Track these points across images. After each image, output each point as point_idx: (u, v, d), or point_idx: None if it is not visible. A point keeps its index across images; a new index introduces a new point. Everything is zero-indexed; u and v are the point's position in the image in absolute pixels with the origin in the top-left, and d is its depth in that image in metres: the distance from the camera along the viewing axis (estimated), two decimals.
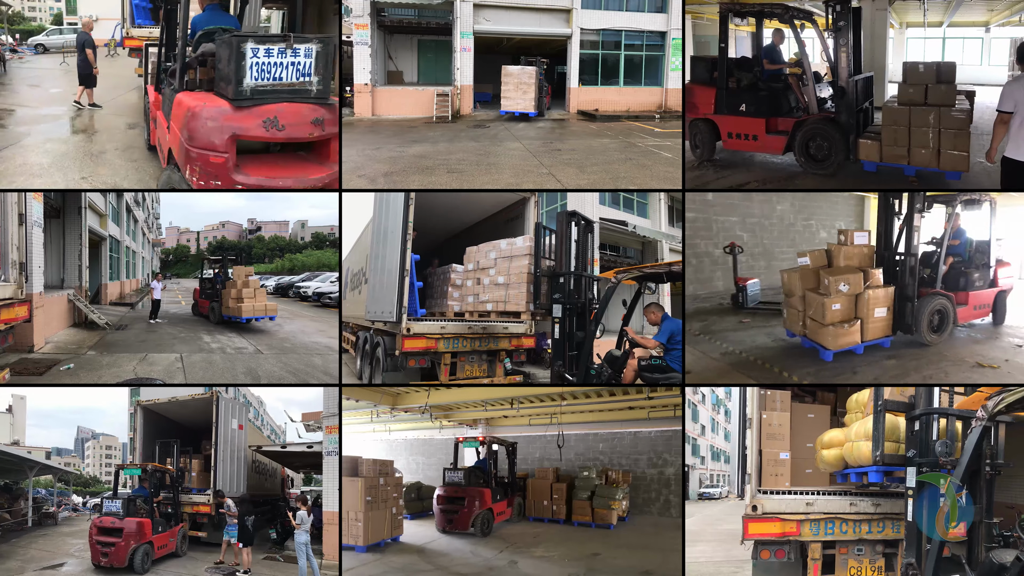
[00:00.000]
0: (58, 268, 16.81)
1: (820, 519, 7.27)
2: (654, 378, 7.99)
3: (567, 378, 8.72)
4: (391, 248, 11.25)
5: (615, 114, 20.81)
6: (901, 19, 22.52)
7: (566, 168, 13.53)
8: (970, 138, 9.37)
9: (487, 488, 13.47)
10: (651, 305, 8.32)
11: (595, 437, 17.27)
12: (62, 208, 17.06)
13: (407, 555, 11.45)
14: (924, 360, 8.71)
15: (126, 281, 26.73)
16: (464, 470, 13.76)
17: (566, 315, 8.77)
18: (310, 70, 7.99)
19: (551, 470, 15.38)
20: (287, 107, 7.91)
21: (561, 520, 14.63)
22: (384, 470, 12.31)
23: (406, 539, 12.69)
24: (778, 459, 7.81)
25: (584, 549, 11.73)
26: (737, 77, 11.17)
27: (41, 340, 11.96)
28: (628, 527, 14.39)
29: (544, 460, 17.32)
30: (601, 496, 14.28)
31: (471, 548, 11.91)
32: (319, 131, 8.14)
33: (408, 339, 10.68)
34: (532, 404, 16.40)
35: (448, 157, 14.08)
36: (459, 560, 11.04)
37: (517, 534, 13.32)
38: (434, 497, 13.91)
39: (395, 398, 16.32)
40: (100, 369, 10.98)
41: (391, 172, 12.78)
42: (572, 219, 9.20)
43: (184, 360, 11.98)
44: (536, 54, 21.87)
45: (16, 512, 16.52)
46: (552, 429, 16.15)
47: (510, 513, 14.61)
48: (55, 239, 16.59)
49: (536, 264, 9.79)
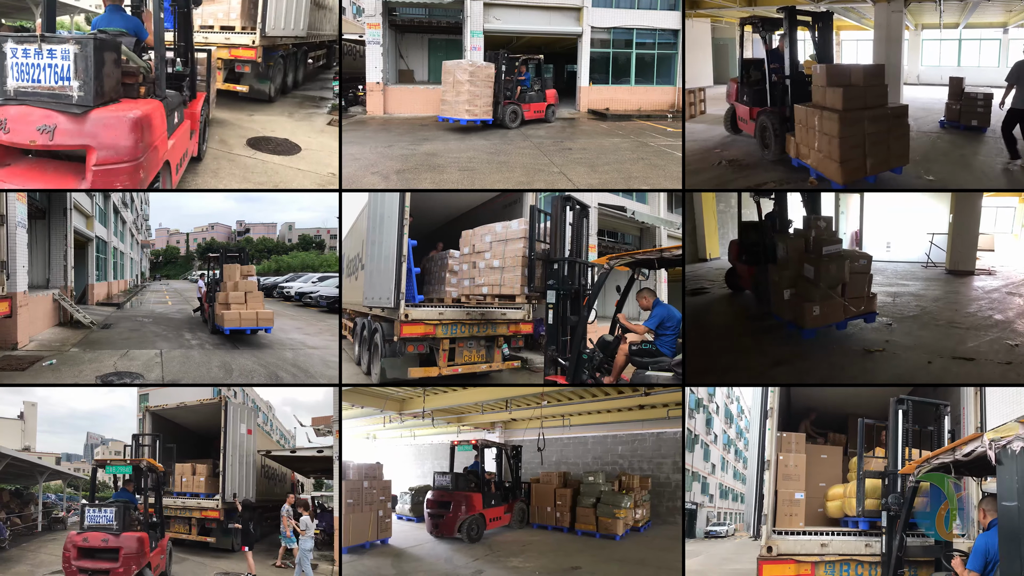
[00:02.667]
0: (43, 268, 17.00)
1: (835, 560, 7.46)
2: (644, 362, 8.18)
3: (560, 363, 8.87)
4: (388, 234, 11.33)
5: (626, 113, 20.62)
6: (917, 21, 22.49)
7: (577, 167, 13.45)
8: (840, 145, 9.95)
9: (477, 493, 13.27)
10: (643, 291, 8.52)
11: (614, 439, 16.64)
12: (47, 209, 17.21)
13: (382, 558, 11.50)
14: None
15: (113, 282, 26.77)
16: (453, 474, 13.58)
17: (560, 300, 8.95)
18: (68, 73, 7.54)
19: (556, 474, 14.98)
20: (18, 110, 7.57)
21: (565, 528, 14.14)
22: (370, 473, 12.54)
23: (395, 542, 12.71)
24: (793, 499, 8.07)
25: (567, 561, 11.32)
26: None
27: (25, 338, 12.21)
28: (638, 539, 13.65)
29: (561, 464, 16.93)
30: (606, 504, 13.67)
31: (449, 555, 11.81)
32: (46, 139, 7.58)
33: (406, 325, 10.83)
34: (549, 404, 15.93)
35: (459, 155, 14.07)
36: (426, 566, 11.07)
37: (508, 542, 13.02)
38: (424, 501, 13.84)
39: (400, 403, 16.12)
40: (81, 364, 11.15)
41: (403, 169, 12.94)
42: (567, 204, 9.27)
43: (163, 356, 12.13)
44: (545, 52, 21.71)
45: (27, 517, 16.97)
46: (568, 432, 15.98)
47: (508, 519, 14.29)
48: (40, 240, 16.83)
49: (530, 248, 9.89)
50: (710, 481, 25.47)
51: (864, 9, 18.85)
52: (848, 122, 9.82)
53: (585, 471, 15.68)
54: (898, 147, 10.31)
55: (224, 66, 14.59)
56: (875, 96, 10.14)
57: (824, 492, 8.47)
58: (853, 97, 9.94)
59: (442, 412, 16.81)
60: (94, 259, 22.69)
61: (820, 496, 8.42)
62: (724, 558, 17.80)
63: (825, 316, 9.54)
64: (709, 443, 25.45)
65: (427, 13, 22.39)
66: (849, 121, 9.82)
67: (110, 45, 7.94)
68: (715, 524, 24.63)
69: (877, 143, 10.04)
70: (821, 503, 8.41)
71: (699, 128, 15.69)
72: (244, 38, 14.51)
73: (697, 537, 22.90)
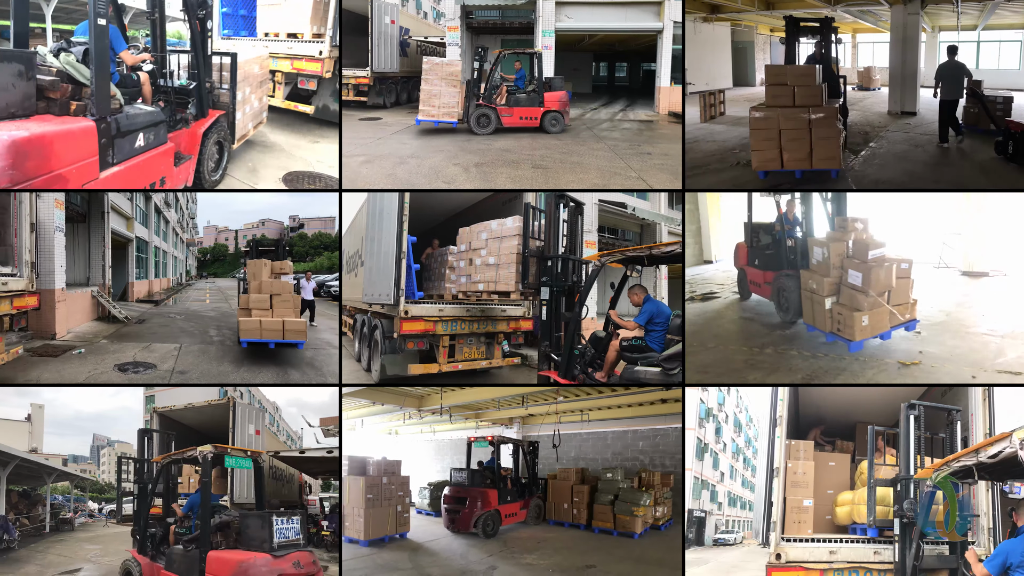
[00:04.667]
0: (84, 267, 17.61)
1: (844, 567, 7.28)
2: (633, 358, 8.15)
3: (553, 358, 8.83)
4: (387, 230, 11.07)
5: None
6: (934, 23, 21.79)
7: (659, 174, 12.61)
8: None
9: (492, 489, 13.01)
10: (634, 287, 8.51)
11: (635, 435, 15.89)
12: (87, 213, 17.71)
13: (400, 552, 11.35)
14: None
15: (155, 280, 27.02)
16: (469, 470, 13.36)
17: (553, 297, 8.93)
18: None
19: (574, 470, 14.55)
20: None
21: (582, 526, 13.68)
22: (389, 469, 12.37)
23: (413, 536, 12.53)
24: (802, 506, 7.91)
25: (582, 560, 10.91)
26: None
27: (63, 330, 12.96)
28: (658, 537, 12.96)
29: (579, 460, 16.47)
30: (624, 501, 13.14)
31: (464, 550, 11.58)
32: None
33: (406, 322, 10.61)
34: (567, 400, 15.44)
35: (532, 153, 13.66)
36: (441, 561, 10.86)
37: (524, 538, 12.68)
38: (441, 497, 13.63)
39: (419, 400, 15.93)
40: (106, 354, 11.50)
41: (481, 163, 12.78)
42: (561, 201, 9.16)
43: (181, 350, 12.07)
44: (619, 50, 21.06)
45: (35, 518, 16.85)
46: (587, 427, 15.62)
47: (524, 515, 13.96)
48: (81, 241, 17.46)
49: (524, 244, 9.78)
50: (719, 489, 25.16)
51: (880, 12, 18.29)
52: (762, 116, 10.44)
53: (604, 467, 15.12)
54: (824, 148, 10.34)
55: (286, 81, 12.64)
56: (805, 96, 10.27)
57: (832, 499, 8.26)
58: (778, 95, 10.33)
59: (460, 408, 16.57)
60: (134, 258, 22.96)
61: (828, 503, 8.23)
62: (733, 566, 17.22)
63: (873, 326, 9.05)
64: (718, 451, 25.10)
65: (500, 15, 21.99)
66: (763, 116, 10.42)
67: (12, 56, 7.28)
68: (723, 532, 24.26)
69: (795, 140, 10.30)
70: (829, 510, 8.22)
71: (718, 128, 15.37)
72: (311, 48, 12.27)
73: (706, 544, 22.49)
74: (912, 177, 11.02)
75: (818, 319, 9.48)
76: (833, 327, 9.24)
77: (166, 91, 9.38)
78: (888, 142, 13.13)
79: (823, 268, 9.48)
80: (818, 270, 9.55)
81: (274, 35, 12.69)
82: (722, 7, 20.41)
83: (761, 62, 24.82)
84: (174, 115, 9.50)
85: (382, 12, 18.15)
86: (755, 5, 19.56)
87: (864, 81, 23.02)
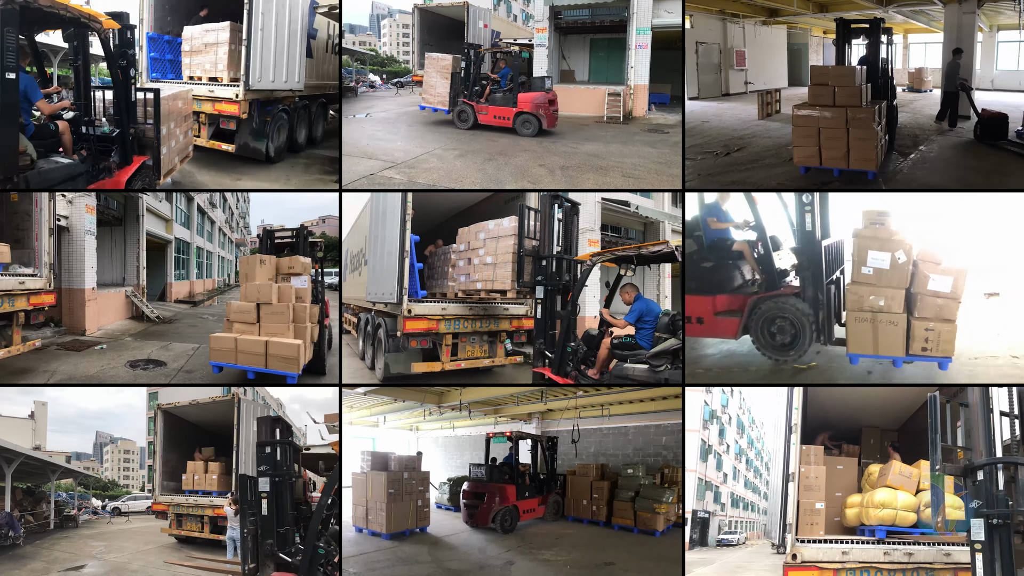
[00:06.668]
0: (120, 268, 18.01)
1: (856, 567, 7.42)
2: (623, 355, 8.15)
3: (547, 356, 8.81)
4: (390, 229, 10.92)
5: None
6: (991, 22, 20.74)
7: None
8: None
9: (511, 484, 12.74)
10: (626, 286, 8.56)
11: (657, 429, 15.09)
12: (123, 216, 18.01)
13: (420, 545, 11.21)
14: None
15: (197, 281, 26.88)
16: (488, 466, 13.07)
17: (548, 295, 8.95)
18: None
19: (593, 466, 14.06)
20: None
21: (601, 522, 13.18)
22: (410, 465, 12.33)
23: (432, 530, 12.39)
24: (814, 509, 7.86)
25: (601, 556, 10.46)
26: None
27: (94, 327, 13.44)
28: (680, 535, 12.38)
29: (599, 455, 15.89)
30: (646, 498, 12.56)
31: (482, 544, 11.38)
32: None
33: (409, 320, 10.49)
34: (586, 395, 14.72)
35: (622, 160, 12.95)
36: (460, 555, 10.68)
37: (542, 534, 12.30)
38: (460, 492, 13.49)
39: (439, 396, 15.56)
40: (124, 351, 11.69)
41: (567, 166, 12.47)
42: (555, 201, 9.16)
43: (198, 350, 12.01)
44: None
45: (39, 515, 16.86)
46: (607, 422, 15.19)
47: (542, 511, 13.57)
48: (117, 243, 17.91)
49: (520, 244, 9.71)
50: (722, 490, 24.69)
51: (934, 11, 17.30)
52: (804, 114, 10.46)
53: (625, 463, 14.62)
54: (860, 149, 10.19)
55: (209, 121, 12.62)
56: (845, 96, 10.21)
57: (841, 502, 8.12)
58: (819, 94, 10.33)
59: (479, 404, 16.17)
60: (172, 259, 22.95)
61: (837, 506, 8.13)
62: (737, 566, 16.66)
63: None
64: (722, 453, 24.70)
65: (590, 13, 20.54)
66: (805, 114, 10.45)
67: None
68: (727, 532, 23.88)
69: (832, 138, 10.26)
70: (838, 512, 8.10)
71: (774, 126, 15.28)
72: (228, 91, 12.19)
73: (709, 545, 22.10)
74: (964, 184, 10.94)
75: (884, 343, 7.74)
76: (918, 347, 7.70)
77: (88, 139, 8.45)
78: (939, 146, 12.61)
79: (891, 277, 7.64)
80: (879, 280, 7.69)
81: (197, 79, 12.98)
82: (779, 11, 20.05)
83: (815, 63, 24.21)
84: (97, 164, 8.56)
85: (476, 17, 17.77)
86: (809, 8, 19.05)
87: (915, 83, 22.18)
